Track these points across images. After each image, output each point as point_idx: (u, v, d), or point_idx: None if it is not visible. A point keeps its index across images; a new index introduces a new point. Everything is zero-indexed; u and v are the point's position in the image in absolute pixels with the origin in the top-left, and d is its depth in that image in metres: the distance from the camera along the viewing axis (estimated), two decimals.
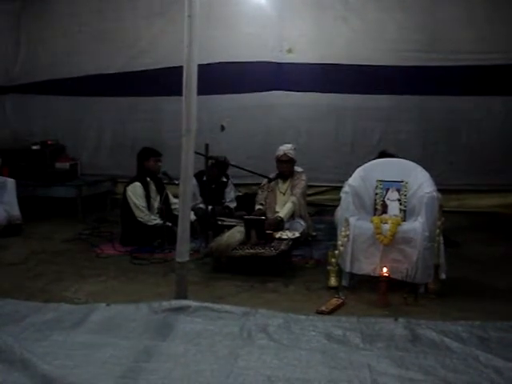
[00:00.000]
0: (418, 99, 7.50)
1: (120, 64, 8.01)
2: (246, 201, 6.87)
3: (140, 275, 4.92)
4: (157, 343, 3.43)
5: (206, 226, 5.72)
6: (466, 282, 4.78)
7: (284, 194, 6.10)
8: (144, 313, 3.88)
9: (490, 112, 7.38)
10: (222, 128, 7.29)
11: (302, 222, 5.93)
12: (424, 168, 5.39)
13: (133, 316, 3.84)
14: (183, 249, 3.94)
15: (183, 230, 3.93)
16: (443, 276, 4.46)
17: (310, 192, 7.03)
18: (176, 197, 6.08)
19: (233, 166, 6.44)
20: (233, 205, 6.78)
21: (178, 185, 5.84)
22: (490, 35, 7.20)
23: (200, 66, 4.06)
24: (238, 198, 6.95)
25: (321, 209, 7.68)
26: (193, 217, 5.83)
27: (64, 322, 3.75)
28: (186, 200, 3.95)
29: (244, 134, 7.79)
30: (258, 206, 6.14)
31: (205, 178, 6.23)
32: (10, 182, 6.50)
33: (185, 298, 3.99)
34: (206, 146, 5.65)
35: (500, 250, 5.85)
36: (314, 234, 6.06)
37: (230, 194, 6.86)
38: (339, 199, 7.61)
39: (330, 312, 4.01)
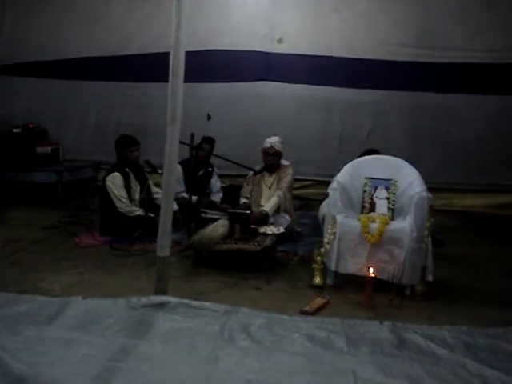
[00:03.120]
0: (409, 95, 7.37)
1: (107, 48, 7.78)
2: (231, 193, 6.71)
3: (119, 268, 4.77)
4: (134, 342, 3.30)
5: (188, 217, 5.58)
6: (453, 284, 4.67)
7: (270, 188, 5.96)
8: (121, 308, 3.74)
9: (482, 111, 7.26)
10: (209, 117, 7.12)
11: (287, 217, 5.81)
12: (413, 165, 5.32)
13: (110, 311, 3.70)
14: (164, 243, 3.80)
15: (165, 224, 3.79)
16: (430, 278, 4.38)
17: (295, 186, 6.88)
18: (158, 186, 5.96)
19: (218, 157, 6.30)
20: (219, 196, 6.64)
21: (161, 174, 5.76)
22: (483, 33, 7.09)
23: (188, 53, 3.90)
24: (222, 190, 6.82)
25: (305, 203, 7.56)
26: (175, 207, 5.69)
27: (38, 316, 3.60)
28: (169, 192, 3.80)
29: (230, 124, 7.62)
30: (242, 200, 6.00)
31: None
32: None
33: (165, 293, 3.85)
34: (192, 135, 5.50)
35: (485, 251, 5.76)
36: (299, 229, 5.93)
37: (216, 184, 6.71)
38: (324, 194, 7.55)
39: (314, 312, 3.91)
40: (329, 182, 7.55)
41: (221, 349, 3.26)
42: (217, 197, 6.63)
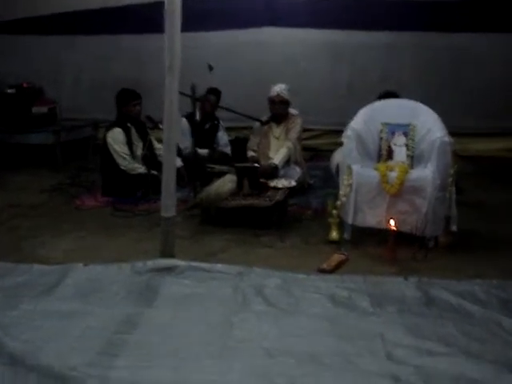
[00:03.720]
0: (421, 35, 6.98)
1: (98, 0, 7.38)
2: (238, 146, 6.41)
3: (122, 230, 4.49)
4: (141, 311, 3.03)
5: (195, 174, 5.29)
6: (476, 233, 4.40)
7: (278, 139, 5.64)
8: (126, 274, 3.48)
9: (497, 50, 6.92)
10: (210, 68, 6.78)
11: (298, 169, 5.51)
12: None
13: (114, 278, 3.44)
14: (169, 202, 3.52)
15: (168, 182, 3.50)
16: (454, 228, 4.08)
17: (303, 136, 6.54)
18: (161, 141, 5.64)
19: (224, 108, 5.96)
20: (228, 149, 6.34)
21: (163, 129, 5.46)
22: None
23: (187, 1, 3.58)
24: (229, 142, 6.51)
25: (316, 153, 7.24)
26: (179, 163, 5.41)
27: (36, 287, 3.33)
28: (170, 148, 3.50)
29: (234, 74, 7.24)
30: (250, 153, 5.69)
31: (197, 118, 5.79)
32: None
33: (171, 256, 3.59)
34: (193, 86, 5.15)
35: (503, 197, 5.47)
36: (311, 181, 5.63)
37: (223, 137, 6.39)
38: (335, 143, 7.27)
39: (333, 270, 3.63)
40: (340, 131, 7.25)
41: (235, 314, 3.00)
42: (226, 150, 6.32)
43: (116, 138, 5.45)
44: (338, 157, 5.19)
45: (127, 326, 2.88)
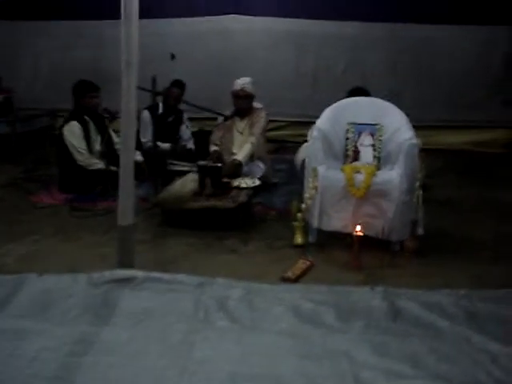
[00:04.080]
0: (388, 26, 6.92)
1: None
2: (201, 138, 6.25)
3: (80, 232, 4.30)
4: (96, 329, 2.87)
5: (155, 168, 5.13)
6: (443, 234, 4.36)
7: (242, 134, 5.49)
8: (82, 286, 3.31)
9: (465, 43, 6.87)
10: (172, 56, 6.64)
11: (262, 165, 5.39)
12: (393, 101, 4.82)
13: (69, 290, 3.27)
14: (126, 209, 3.34)
15: (126, 187, 3.33)
16: (421, 231, 4.01)
17: (268, 127, 6.42)
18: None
19: (187, 103, 5.77)
20: (191, 143, 6.17)
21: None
22: None
23: None
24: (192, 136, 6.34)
25: (281, 145, 7.14)
26: (139, 158, 5.24)
27: None
28: (128, 148, 3.32)
29: (196, 63, 7.12)
30: (213, 147, 5.52)
31: (160, 111, 5.61)
32: None
33: (130, 266, 3.43)
34: (153, 78, 4.96)
35: (472, 194, 5.48)
36: (276, 180, 5.48)
37: (187, 131, 6.23)
38: (300, 135, 7.19)
39: (297, 279, 3.53)
40: (304, 123, 7.24)
41: (196, 332, 2.86)
42: (189, 144, 6.16)
43: (73, 132, 5.25)
44: (302, 153, 5.09)
45: (82, 346, 2.73)
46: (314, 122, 6.72)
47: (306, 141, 4.66)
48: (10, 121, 6.55)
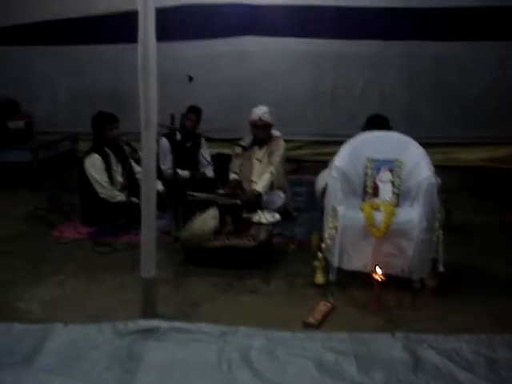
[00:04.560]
0: (404, 44, 6.90)
1: (72, 9, 7.16)
2: (220, 162, 6.31)
3: (103, 271, 4.35)
4: None
5: (175, 197, 5.18)
6: (463, 268, 4.34)
7: (261, 162, 5.53)
8: (107, 337, 3.37)
9: (481, 59, 6.82)
10: (190, 79, 6.65)
11: (282, 194, 5.42)
12: (409, 119, 4.81)
13: (95, 341, 3.33)
14: (149, 263, 3.40)
15: (148, 241, 3.38)
16: (441, 269, 4.01)
17: (286, 147, 6.45)
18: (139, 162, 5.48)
19: (204, 137, 5.87)
20: (210, 169, 6.23)
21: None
22: None
23: (161, 10, 3.49)
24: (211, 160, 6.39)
25: (299, 165, 7.16)
26: (160, 187, 5.29)
27: (15, 354, 3.22)
28: (150, 208, 3.36)
29: (214, 85, 7.18)
30: (232, 175, 5.58)
31: (178, 137, 5.67)
32: None
33: (153, 316, 3.48)
34: (172, 116, 5.01)
35: (492, 219, 5.45)
36: (295, 214, 5.49)
37: (206, 155, 6.28)
38: (318, 154, 7.22)
39: (319, 324, 3.56)
40: (323, 142, 7.27)
41: None
42: (208, 170, 6.21)
43: (94, 165, 5.32)
44: (322, 181, 5.11)
45: None
46: (333, 142, 6.81)
47: (325, 163, 4.66)
48: (32, 148, 6.63)
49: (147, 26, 3.24)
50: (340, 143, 6.03)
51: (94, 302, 3.89)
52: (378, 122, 5.12)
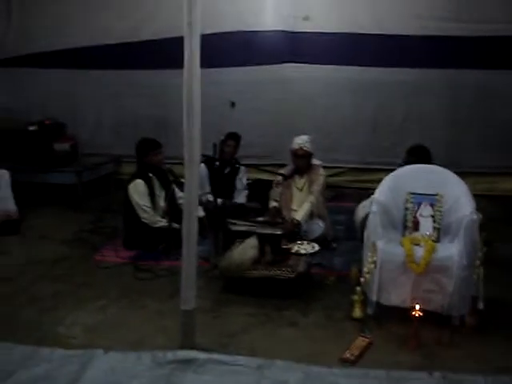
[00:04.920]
0: (445, 73, 6.85)
1: (118, 34, 7.36)
2: (258, 188, 6.35)
3: (144, 297, 4.44)
4: None
5: (216, 224, 5.23)
6: (504, 305, 4.26)
7: (301, 190, 5.57)
8: (146, 365, 3.42)
9: None
10: (232, 104, 6.78)
11: (321, 223, 5.44)
12: (451, 149, 4.69)
13: (134, 369, 3.39)
14: (189, 295, 3.45)
15: (189, 273, 3.44)
16: (481, 306, 3.96)
17: (326, 173, 6.46)
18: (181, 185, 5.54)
19: (242, 165, 5.95)
20: (244, 194, 6.28)
21: (183, 184, 5.40)
22: None
23: (206, 36, 3.58)
24: (248, 186, 6.44)
25: (339, 192, 7.16)
26: (201, 212, 5.34)
27: (56, 380, 3.30)
28: (191, 243, 3.42)
29: (255, 111, 7.22)
30: (272, 203, 5.62)
31: (216, 164, 5.74)
32: (5, 174, 6.03)
33: (192, 346, 3.52)
34: (214, 145, 5.10)
35: None
36: (335, 245, 5.47)
37: (242, 181, 6.33)
38: (358, 181, 7.22)
39: (356, 360, 3.55)
40: (363, 169, 7.27)
41: None
42: (242, 196, 6.27)
43: (138, 190, 5.42)
44: (362, 211, 5.13)
45: None
46: (373, 170, 6.80)
47: (364, 190, 4.64)
48: (77, 171, 6.79)
49: (192, 53, 3.28)
50: (379, 171, 6.07)
51: (133, 328, 3.97)
52: (419, 153, 5.12)
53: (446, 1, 6.70)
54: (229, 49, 7.14)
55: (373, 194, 4.41)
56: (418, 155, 5.07)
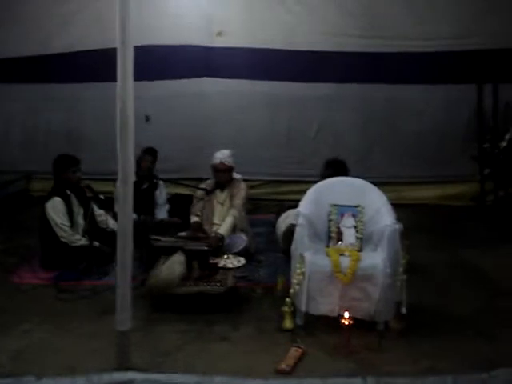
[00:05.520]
0: (358, 87, 7.13)
1: (29, 47, 7.13)
2: (178, 203, 6.34)
3: (69, 319, 4.29)
4: None
5: (138, 241, 5.15)
6: (423, 309, 4.46)
7: (223, 205, 5.62)
8: None
9: (431, 101, 7.11)
10: (147, 118, 6.73)
11: (244, 237, 5.50)
12: (362, 159, 4.87)
13: None
14: (125, 316, 3.40)
15: (124, 294, 3.39)
16: (404, 311, 4.15)
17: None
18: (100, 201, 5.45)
19: (164, 180, 5.94)
20: (165, 209, 6.25)
21: (103, 200, 5.31)
22: (431, 20, 6.91)
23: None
24: (169, 201, 6.40)
25: (257, 205, 7.24)
26: None
27: None
28: (126, 264, 3.37)
29: (171, 125, 7.25)
30: (194, 218, 5.63)
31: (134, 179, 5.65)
32: None
33: (128, 367, 3.47)
34: (137, 162, 5.03)
35: (447, 257, 5.66)
36: (261, 258, 5.50)
37: (162, 195, 6.30)
38: (275, 193, 7.36)
39: (292, 370, 3.62)
40: (278, 182, 7.42)
41: None
42: (163, 211, 6.23)
43: (55, 208, 5.26)
44: (283, 224, 5.26)
45: None
46: (288, 181, 6.96)
47: (287, 206, 4.76)
48: None
49: (126, 67, 3.23)
50: (295, 182, 6.25)
51: (63, 351, 3.85)
52: (335, 166, 5.33)
53: (357, 19, 6.98)
54: (145, 63, 7.06)
55: (289, 205, 4.55)
56: (335, 168, 5.27)
